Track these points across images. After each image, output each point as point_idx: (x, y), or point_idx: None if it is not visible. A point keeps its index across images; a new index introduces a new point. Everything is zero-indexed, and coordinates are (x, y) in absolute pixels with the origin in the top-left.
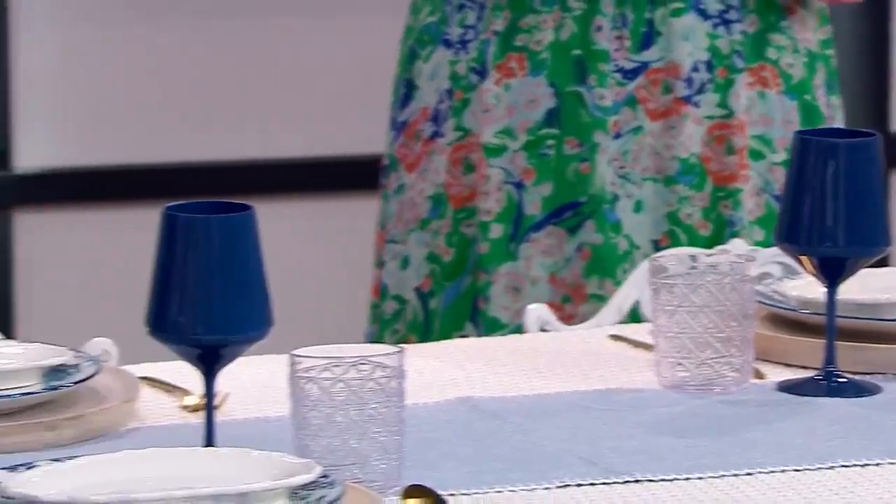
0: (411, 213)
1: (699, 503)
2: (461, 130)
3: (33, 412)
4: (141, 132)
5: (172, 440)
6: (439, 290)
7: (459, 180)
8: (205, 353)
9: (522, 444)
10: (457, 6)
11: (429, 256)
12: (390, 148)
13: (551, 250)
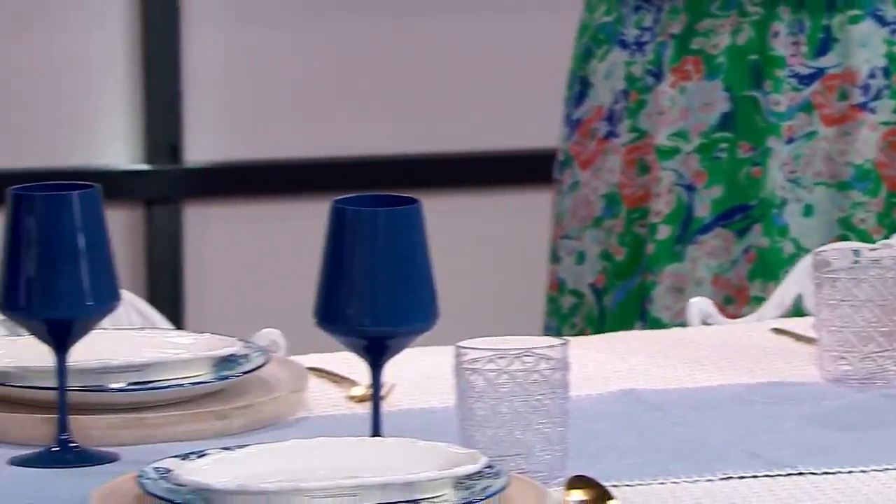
0: (585, 210)
1: (863, 496)
2: (636, 132)
3: (204, 401)
4: (306, 127)
5: (339, 430)
6: (612, 288)
7: (634, 181)
8: (371, 344)
9: (685, 436)
10: (633, 7)
11: (602, 254)
12: (564, 144)
13: (718, 252)
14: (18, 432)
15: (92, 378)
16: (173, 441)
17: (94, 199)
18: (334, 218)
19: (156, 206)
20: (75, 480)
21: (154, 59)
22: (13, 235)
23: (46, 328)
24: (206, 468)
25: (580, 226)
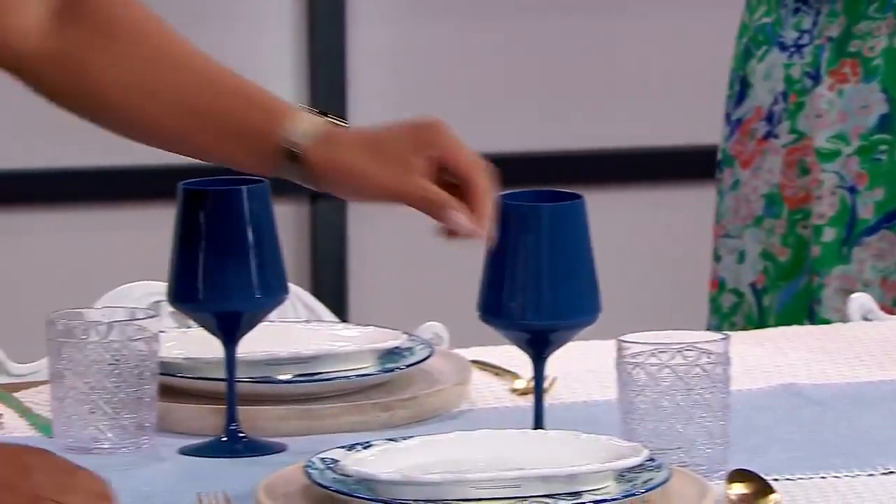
0: (746, 209)
1: None
2: (795, 133)
3: (368, 393)
4: (469, 122)
5: (502, 422)
6: (773, 288)
7: (794, 182)
8: (534, 337)
9: (846, 430)
10: (792, 9)
11: (763, 253)
12: (725, 143)
13: (883, 254)
14: (188, 422)
15: (260, 370)
16: (339, 432)
17: (262, 193)
18: (499, 213)
19: (321, 200)
20: (243, 470)
21: (320, 57)
22: (183, 229)
23: (216, 321)
24: (372, 459)
25: (741, 225)
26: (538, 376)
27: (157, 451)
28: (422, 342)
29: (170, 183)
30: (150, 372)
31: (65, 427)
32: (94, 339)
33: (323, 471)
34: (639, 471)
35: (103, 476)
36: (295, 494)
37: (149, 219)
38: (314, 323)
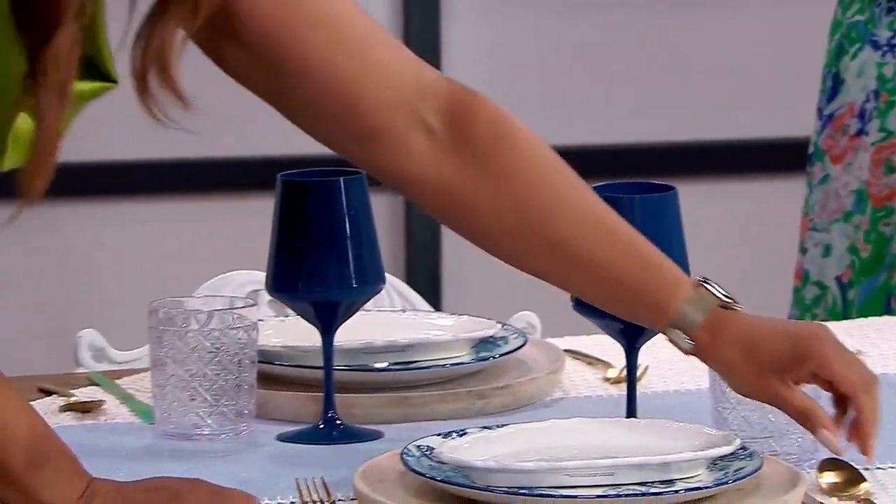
0: (835, 203)
1: None
2: (885, 132)
3: (463, 381)
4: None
5: (595, 410)
6: (857, 283)
7: (880, 180)
8: (627, 327)
9: None
10: (886, 9)
11: (850, 248)
12: (816, 137)
13: None
14: (286, 409)
15: (356, 358)
16: (434, 420)
17: (360, 184)
18: None
19: None
20: (340, 457)
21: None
22: (282, 220)
23: (313, 310)
24: (467, 446)
25: (829, 219)
26: (631, 365)
27: (256, 437)
28: (515, 331)
29: (269, 174)
30: (249, 360)
31: (166, 414)
32: (195, 328)
33: (419, 458)
34: (731, 459)
35: (251, 494)
36: (391, 481)
37: (248, 209)
38: (409, 312)
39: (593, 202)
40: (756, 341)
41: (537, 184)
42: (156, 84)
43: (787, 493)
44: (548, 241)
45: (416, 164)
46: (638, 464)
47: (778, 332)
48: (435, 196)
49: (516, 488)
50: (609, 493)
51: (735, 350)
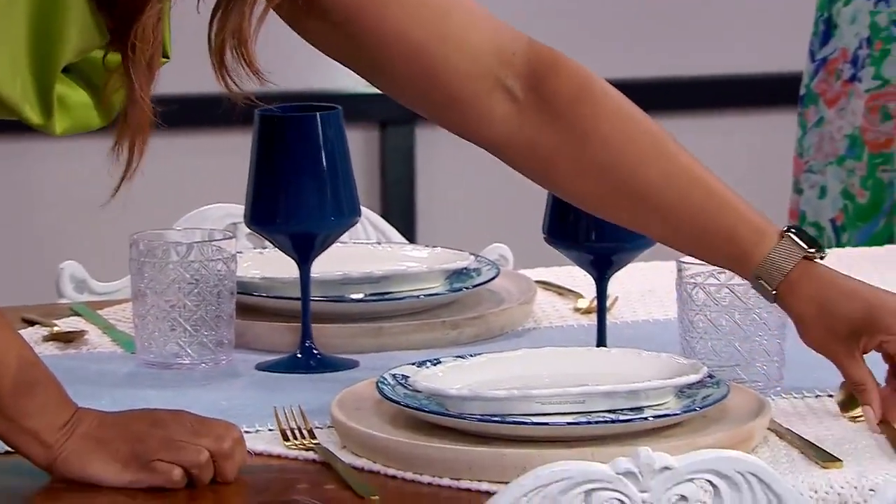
0: (830, 147)
1: None
2: (879, 79)
3: (437, 312)
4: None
5: (566, 340)
6: (851, 227)
7: (876, 127)
8: (598, 259)
9: None
10: None
11: (843, 192)
12: (809, 81)
13: None
14: (265, 339)
15: (333, 289)
16: (409, 349)
17: (336, 119)
18: None
19: (390, 126)
20: (317, 385)
21: None
22: (260, 154)
23: (291, 242)
24: (441, 375)
25: (823, 161)
26: (601, 296)
27: (235, 366)
28: (488, 263)
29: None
30: (228, 291)
31: (147, 343)
32: (175, 259)
33: (394, 386)
34: (698, 387)
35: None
36: (366, 409)
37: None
38: (384, 244)
39: (675, 152)
40: (833, 302)
41: (618, 140)
42: (231, 58)
43: (753, 420)
44: (631, 196)
45: (500, 129)
46: (607, 392)
47: (857, 298)
48: (521, 158)
49: (489, 416)
50: (579, 420)
51: (811, 306)
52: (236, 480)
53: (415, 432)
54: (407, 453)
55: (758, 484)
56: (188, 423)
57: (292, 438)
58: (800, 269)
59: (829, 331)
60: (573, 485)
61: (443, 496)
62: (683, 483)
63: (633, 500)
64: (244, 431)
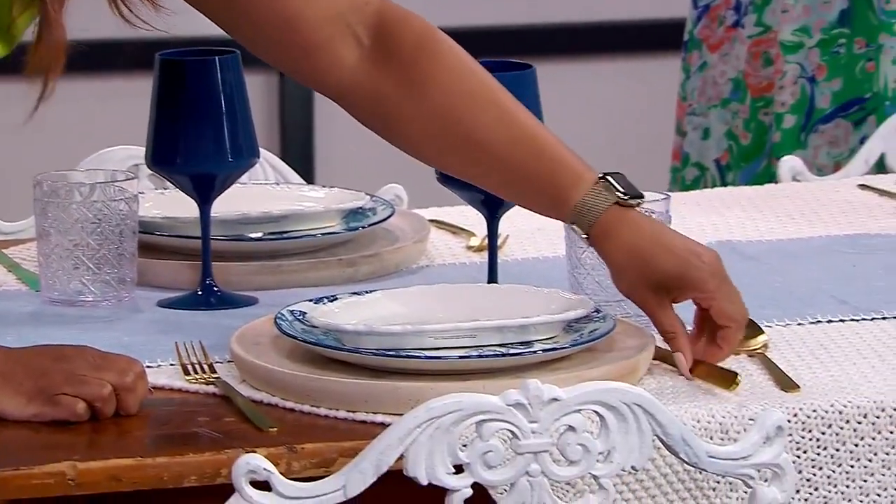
0: (713, 90)
1: None
2: (761, 26)
3: (334, 250)
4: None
5: (458, 277)
6: (736, 167)
7: (758, 72)
8: (488, 198)
9: (778, 283)
10: None
11: (728, 133)
12: (692, 27)
13: (838, 141)
14: (166, 277)
15: (232, 228)
16: (306, 286)
17: (234, 63)
18: None
19: None
20: (217, 321)
21: None
22: (161, 97)
23: (191, 182)
24: (337, 311)
25: (707, 104)
26: (492, 234)
27: (137, 303)
28: (383, 203)
29: (148, 54)
30: (130, 230)
31: (51, 282)
32: (78, 200)
33: (292, 322)
34: (585, 322)
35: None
36: (265, 344)
37: (129, 88)
38: (283, 185)
39: (509, 105)
40: (647, 253)
41: (455, 90)
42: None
43: (638, 352)
44: (465, 144)
45: (348, 75)
46: (498, 326)
47: (673, 252)
48: (365, 105)
49: (384, 350)
50: (471, 354)
51: (624, 255)
52: (138, 413)
53: (312, 366)
54: (304, 387)
55: (643, 414)
56: (91, 359)
57: (193, 373)
58: (612, 214)
59: (642, 280)
60: (465, 416)
61: (340, 428)
62: (571, 414)
63: (523, 430)
64: (146, 366)
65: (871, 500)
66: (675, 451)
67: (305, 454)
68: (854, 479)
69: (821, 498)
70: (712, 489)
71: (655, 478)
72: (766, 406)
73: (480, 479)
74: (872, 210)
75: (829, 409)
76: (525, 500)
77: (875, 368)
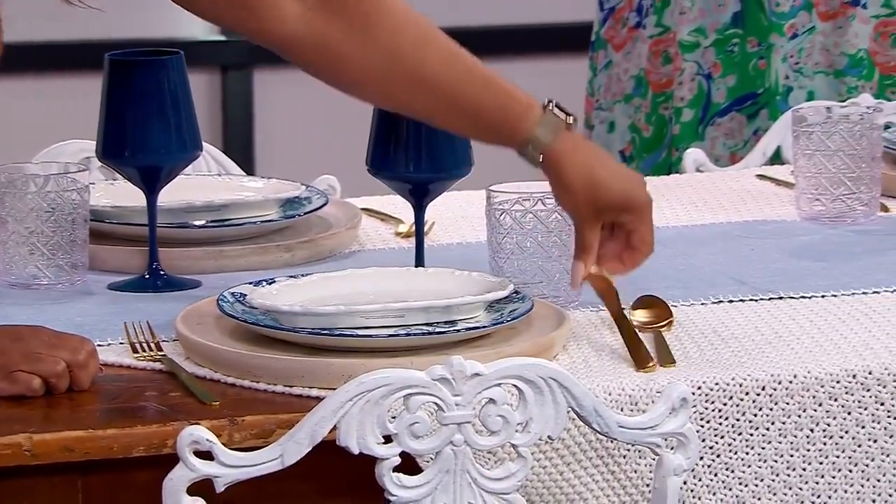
0: (617, 87)
1: (833, 316)
2: (661, 27)
3: (273, 237)
4: None
5: (388, 261)
6: (638, 157)
7: (658, 69)
8: (416, 188)
9: (683, 266)
10: None
11: (631, 126)
12: (599, 28)
13: (733, 133)
14: (116, 262)
15: (177, 216)
16: (246, 270)
17: (179, 63)
18: None
19: (230, 71)
20: (163, 303)
21: None
22: (110, 94)
23: (139, 174)
24: (275, 293)
25: (612, 99)
26: (419, 221)
27: (89, 286)
28: (318, 192)
29: (98, 55)
30: (82, 218)
31: (8, 266)
32: (33, 190)
33: (233, 303)
34: (506, 302)
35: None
36: (208, 324)
37: (80, 86)
38: (224, 176)
39: (452, 45)
40: (600, 176)
41: (400, 30)
42: None
43: (554, 330)
44: (413, 80)
45: (292, 26)
46: (425, 307)
47: (618, 176)
48: (311, 55)
49: (318, 329)
50: (399, 332)
51: (579, 177)
52: (90, 389)
53: (252, 345)
54: (244, 363)
55: (558, 388)
56: (46, 338)
57: (141, 351)
58: (564, 139)
59: (590, 200)
60: (393, 390)
61: (277, 402)
62: (492, 388)
63: (447, 403)
64: (97, 345)
65: (768, 465)
66: (588, 421)
67: (245, 426)
68: (753, 446)
69: (722, 464)
70: (622, 457)
71: (570, 446)
72: (673, 380)
73: (408, 449)
74: (769, 198)
75: (730, 381)
76: (449, 468)
77: (772, 344)
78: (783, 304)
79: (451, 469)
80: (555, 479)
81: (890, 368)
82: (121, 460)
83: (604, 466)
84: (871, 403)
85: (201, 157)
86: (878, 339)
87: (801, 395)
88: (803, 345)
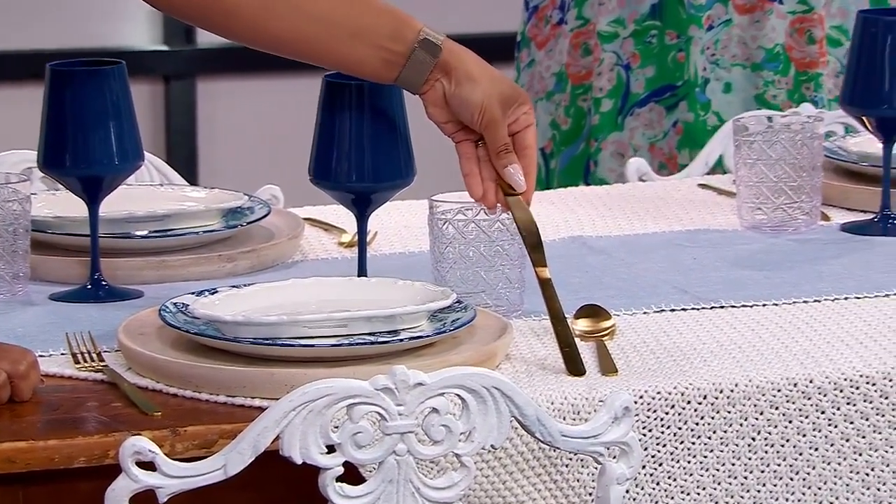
0: (539, 85)
1: (775, 325)
2: (581, 19)
3: (215, 247)
4: None
5: (330, 271)
6: (558, 152)
7: (578, 62)
8: (358, 197)
9: (625, 275)
10: None
11: (551, 123)
12: (523, 27)
13: (651, 124)
14: (57, 272)
15: (119, 226)
16: (188, 280)
17: (121, 74)
18: (326, 90)
19: (173, 81)
20: (105, 313)
21: None
22: (51, 104)
23: (80, 184)
24: (218, 303)
25: (534, 98)
26: (362, 231)
27: (30, 297)
28: (260, 202)
29: (40, 65)
30: (23, 229)
31: None
32: None
33: (175, 314)
34: (448, 311)
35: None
36: (150, 334)
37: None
38: (167, 186)
39: None
40: (493, 69)
41: None
42: None
43: (497, 339)
44: (289, 5)
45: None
46: (368, 316)
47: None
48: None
49: (260, 339)
50: (342, 342)
51: (477, 68)
52: (31, 399)
53: (194, 355)
54: (186, 373)
55: (501, 397)
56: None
57: (82, 361)
58: (452, 44)
59: (495, 89)
60: (336, 400)
61: (219, 412)
62: (435, 397)
63: (391, 412)
64: (38, 355)
65: (710, 473)
66: (530, 430)
67: (188, 436)
68: (695, 454)
69: (665, 472)
70: (565, 465)
71: (513, 455)
72: (615, 389)
73: (351, 458)
74: (711, 207)
75: (672, 390)
76: (392, 478)
77: (713, 353)
78: (725, 313)
79: (395, 479)
80: (497, 488)
81: (831, 377)
82: (63, 471)
83: (546, 475)
84: (812, 412)
85: (144, 167)
86: (819, 348)
87: (743, 404)
88: (745, 353)
